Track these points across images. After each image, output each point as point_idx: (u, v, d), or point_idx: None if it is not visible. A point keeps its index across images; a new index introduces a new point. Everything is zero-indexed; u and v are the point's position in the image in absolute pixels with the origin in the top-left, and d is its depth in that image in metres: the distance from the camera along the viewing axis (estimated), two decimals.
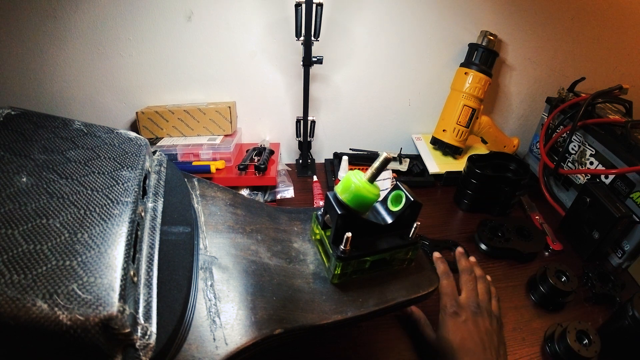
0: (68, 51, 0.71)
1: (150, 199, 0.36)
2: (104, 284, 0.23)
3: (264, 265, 0.40)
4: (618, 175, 0.66)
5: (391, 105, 0.90)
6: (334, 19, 0.75)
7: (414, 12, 0.78)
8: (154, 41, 0.73)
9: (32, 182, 0.28)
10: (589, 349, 0.48)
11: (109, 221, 0.28)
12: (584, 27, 0.87)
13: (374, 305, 0.39)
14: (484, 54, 0.80)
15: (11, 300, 0.21)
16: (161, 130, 0.79)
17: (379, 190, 0.39)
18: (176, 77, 0.79)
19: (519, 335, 0.53)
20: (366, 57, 0.82)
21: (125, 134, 0.39)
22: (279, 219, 0.48)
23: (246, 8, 0.72)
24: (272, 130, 0.90)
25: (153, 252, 0.31)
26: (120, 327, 0.23)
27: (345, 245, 0.38)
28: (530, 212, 0.78)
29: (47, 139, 0.33)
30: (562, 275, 0.58)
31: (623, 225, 0.62)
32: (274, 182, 0.75)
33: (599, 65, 0.93)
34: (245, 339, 0.32)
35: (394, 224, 0.41)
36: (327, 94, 0.86)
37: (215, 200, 0.44)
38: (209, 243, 0.39)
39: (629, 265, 0.66)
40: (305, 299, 0.38)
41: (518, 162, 0.80)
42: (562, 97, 0.83)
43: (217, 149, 0.76)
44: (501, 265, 0.65)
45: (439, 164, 0.88)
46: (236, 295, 0.35)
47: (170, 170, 0.42)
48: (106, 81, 0.76)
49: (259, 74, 0.81)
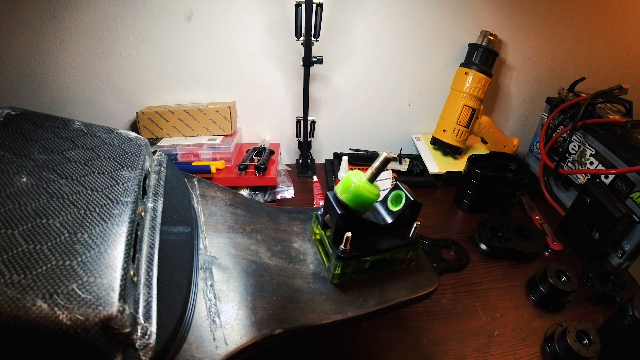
0: (68, 51, 0.71)
1: (150, 199, 0.36)
2: (104, 284, 0.23)
3: (264, 265, 0.40)
4: (618, 175, 0.66)
5: (391, 105, 0.90)
6: (334, 19, 0.75)
7: (414, 12, 0.78)
8: (154, 41, 0.73)
9: (32, 182, 0.28)
10: (589, 349, 0.48)
11: (109, 221, 0.28)
12: (584, 27, 0.87)
13: (374, 305, 0.39)
14: (484, 54, 0.80)
15: (11, 300, 0.21)
16: (161, 130, 0.79)
17: (379, 190, 0.39)
18: (176, 77, 0.79)
19: (519, 335, 0.53)
20: (366, 57, 0.82)
21: (125, 134, 0.39)
22: (279, 219, 0.48)
23: (246, 8, 0.72)
24: (272, 130, 0.90)
25: (153, 252, 0.31)
26: (120, 327, 0.23)
27: (345, 245, 0.38)
28: (530, 212, 0.78)
29: (47, 139, 0.33)
30: (562, 275, 0.57)
31: (623, 225, 0.62)
32: (274, 182, 0.75)
33: (599, 65, 0.93)
34: (245, 339, 0.32)
35: (394, 224, 0.41)
36: (327, 94, 0.86)
37: (215, 200, 0.44)
38: (209, 243, 0.39)
39: (629, 265, 0.66)
40: (305, 299, 0.38)
41: (518, 162, 0.80)
42: (562, 97, 0.83)
43: (217, 149, 0.76)
44: (501, 265, 0.65)
45: (439, 164, 0.88)
46: (236, 295, 0.35)
47: (170, 170, 0.42)
48: (106, 81, 0.76)
49: (259, 74, 0.81)
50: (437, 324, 0.54)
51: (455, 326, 0.54)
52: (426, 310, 0.55)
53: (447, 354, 0.50)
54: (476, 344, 0.51)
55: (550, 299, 0.57)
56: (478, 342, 0.52)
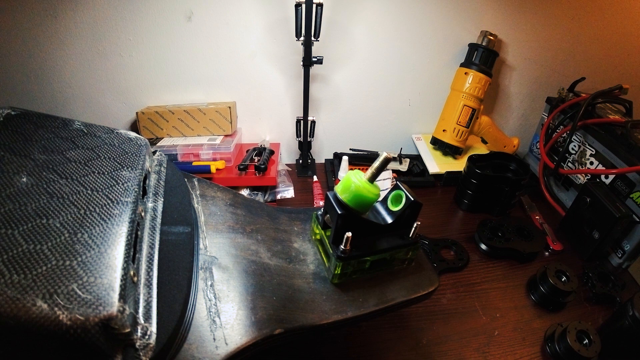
0: (68, 51, 0.71)
1: (150, 199, 0.36)
2: (104, 284, 0.23)
3: (264, 265, 0.40)
4: (618, 175, 0.66)
5: (391, 105, 0.90)
6: (334, 19, 0.75)
7: (414, 12, 0.78)
8: (154, 41, 0.73)
9: (32, 182, 0.28)
10: (589, 349, 0.48)
11: (109, 221, 0.28)
12: (584, 27, 0.87)
13: (374, 305, 0.39)
14: (484, 54, 0.80)
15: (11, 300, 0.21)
16: (161, 131, 0.79)
17: (379, 190, 0.39)
18: (176, 77, 0.79)
19: (519, 335, 0.53)
20: (366, 57, 0.82)
21: (125, 134, 0.39)
22: (279, 219, 0.48)
23: (246, 8, 0.72)
24: (272, 130, 0.90)
25: (153, 252, 0.31)
26: (120, 327, 0.23)
27: (346, 245, 0.38)
28: (530, 212, 0.78)
29: (47, 139, 0.33)
30: (562, 275, 0.57)
31: (623, 225, 0.62)
32: (274, 182, 0.75)
33: (599, 65, 0.93)
34: (245, 339, 0.32)
35: (394, 224, 0.41)
36: (327, 94, 0.86)
37: (215, 200, 0.44)
38: (209, 243, 0.39)
39: (629, 265, 0.66)
40: (305, 299, 0.38)
41: (518, 162, 0.80)
42: (562, 97, 0.83)
43: (217, 149, 0.76)
44: (501, 265, 0.65)
45: (439, 164, 0.88)
46: (236, 295, 0.35)
47: (170, 170, 0.42)
48: (106, 81, 0.76)
49: (259, 74, 0.81)
50: (437, 324, 0.54)
51: (455, 326, 0.54)
52: (426, 310, 0.55)
53: (447, 354, 0.50)
54: (476, 344, 0.51)
55: (550, 299, 0.57)
56: (478, 342, 0.52)
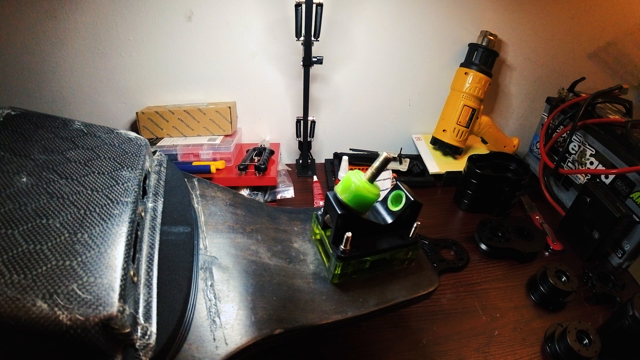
0: (68, 51, 0.71)
1: (150, 199, 0.36)
2: (104, 284, 0.23)
3: (264, 265, 0.40)
4: (618, 175, 0.66)
5: (391, 105, 0.90)
6: (334, 19, 0.75)
7: (414, 12, 0.78)
8: (154, 41, 0.73)
9: (32, 182, 0.28)
10: (589, 349, 0.48)
11: (109, 221, 0.28)
12: (584, 27, 0.86)
13: (374, 305, 0.39)
14: (484, 54, 0.80)
15: (11, 300, 0.21)
16: (161, 131, 0.79)
17: (379, 190, 0.39)
18: (176, 77, 0.79)
19: (519, 335, 0.53)
20: (366, 57, 0.82)
21: (125, 134, 0.39)
22: (279, 219, 0.48)
23: (246, 8, 0.72)
24: (272, 130, 0.90)
25: (153, 252, 0.31)
26: (120, 327, 0.23)
27: (345, 245, 0.38)
28: (530, 212, 0.78)
29: (47, 139, 0.33)
30: (562, 275, 0.57)
31: (623, 225, 0.62)
32: (274, 182, 0.75)
33: (599, 65, 0.93)
34: (245, 339, 0.32)
35: (394, 224, 0.41)
36: (327, 94, 0.86)
37: (215, 200, 0.44)
38: (209, 243, 0.39)
39: (629, 265, 0.66)
40: (305, 299, 0.38)
41: (518, 162, 0.80)
42: (562, 97, 0.83)
43: (217, 149, 0.76)
44: (501, 265, 0.65)
45: (439, 164, 0.88)
46: (236, 295, 0.35)
47: (170, 170, 0.42)
48: (106, 81, 0.76)
49: (259, 74, 0.81)
50: (437, 324, 0.54)
51: (455, 326, 0.54)
52: (426, 310, 0.55)
53: (447, 354, 0.50)
54: (476, 344, 0.51)
55: (551, 299, 0.57)
56: (478, 342, 0.52)
